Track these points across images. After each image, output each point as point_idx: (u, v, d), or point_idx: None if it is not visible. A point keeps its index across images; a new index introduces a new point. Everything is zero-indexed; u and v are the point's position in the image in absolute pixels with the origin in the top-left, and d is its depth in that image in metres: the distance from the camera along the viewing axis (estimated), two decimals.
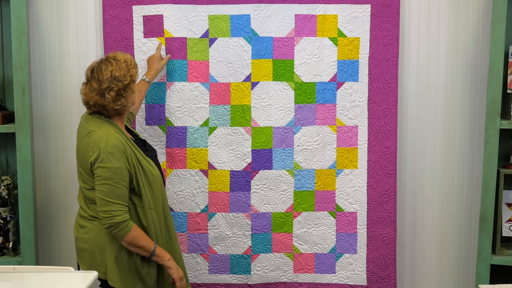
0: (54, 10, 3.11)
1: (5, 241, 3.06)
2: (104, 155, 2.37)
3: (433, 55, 3.10)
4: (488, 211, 2.93)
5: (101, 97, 2.43)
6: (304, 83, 3.06)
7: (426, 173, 3.18)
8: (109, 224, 2.40)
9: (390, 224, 3.11)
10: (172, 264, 2.53)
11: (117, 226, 2.40)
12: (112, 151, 2.37)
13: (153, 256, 2.49)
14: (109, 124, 2.46)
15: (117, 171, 2.38)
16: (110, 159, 2.37)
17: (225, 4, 3.01)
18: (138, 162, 2.47)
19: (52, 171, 3.21)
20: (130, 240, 2.42)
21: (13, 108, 3.05)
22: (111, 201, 2.38)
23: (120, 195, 2.40)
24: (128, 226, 2.41)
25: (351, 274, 3.15)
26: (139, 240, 2.44)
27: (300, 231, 3.14)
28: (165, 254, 2.53)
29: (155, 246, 2.49)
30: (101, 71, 2.43)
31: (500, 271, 3.11)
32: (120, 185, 2.39)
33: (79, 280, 2.23)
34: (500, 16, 2.81)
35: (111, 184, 2.38)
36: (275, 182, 3.11)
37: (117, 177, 2.38)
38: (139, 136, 2.75)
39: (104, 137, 2.39)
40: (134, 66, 2.49)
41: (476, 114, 3.12)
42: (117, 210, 2.39)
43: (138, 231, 2.45)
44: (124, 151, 2.41)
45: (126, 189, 2.42)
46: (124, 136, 2.47)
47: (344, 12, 3.02)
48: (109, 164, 2.37)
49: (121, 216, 2.40)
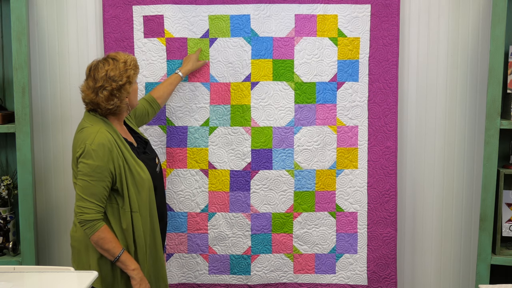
0: (54, 10, 3.11)
1: (5, 241, 3.06)
2: (87, 151, 2.37)
3: (433, 55, 3.11)
4: (488, 211, 2.93)
5: (95, 96, 2.43)
6: (304, 83, 3.06)
7: (426, 173, 3.18)
8: (79, 220, 2.40)
9: (390, 224, 3.11)
10: (136, 275, 2.47)
11: (85, 223, 2.39)
12: (96, 149, 2.37)
13: (117, 261, 2.44)
14: (103, 123, 2.46)
15: (96, 170, 2.37)
16: (92, 156, 2.37)
17: (225, 4, 3.02)
18: (126, 163, 2.45)
19: (52, 171, 3.21)
20: (96, 240, 2.41)
21: (13, 108, 3.05)
22: (84, 197, 2.38)
23: (95, 194, 2.39)
24: (96, 226, 2.39)
25: (352, 274, 3.15)
26: (104, 242, 2.41)
27: (300, 232, 3.14)
28: (131, 263, 2.46)
29: (121, 252, 2.44)
30: (97, 69, 2.44)
31: (500, 271, 3.11)
32: (97, 184, 2.38)
33: (79, 280, 2.23)
34: (500, 16, 2.82)
35: (87, 181, 2.38)
36: (275, 182, 3.11)
37: (96, 175, 2.38)
38: (143, 136, 2.74)
39: (92, 134, 2.40)
40: (133, 68, 2.48)
41: (476, 114, 3.13)
42: (88, 208, 2.39)
43: (106, 233, 2.41)
44: (110, 150, 2.40)
45: (104, 189, 2.40)
46: (116, 136, 2.46)
47: (344, 12, 3.02)
48: (90, 161, 2.37)
49: (91, 215, 2.38)
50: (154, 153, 2.71)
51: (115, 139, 2.45)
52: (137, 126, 2.82)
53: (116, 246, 2.43)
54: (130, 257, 2.48)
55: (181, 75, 2.94)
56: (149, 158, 2.61)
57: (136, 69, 2.50)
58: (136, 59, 2.56)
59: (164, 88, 2.92)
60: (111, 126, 2.48)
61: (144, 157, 2.58)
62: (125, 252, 2.46)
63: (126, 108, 2.53)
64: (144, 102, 2.86)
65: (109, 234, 2.42)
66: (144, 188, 2.49)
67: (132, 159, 2.48)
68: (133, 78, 2.48)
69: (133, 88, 2.52)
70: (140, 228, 2.50)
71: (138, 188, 2.48)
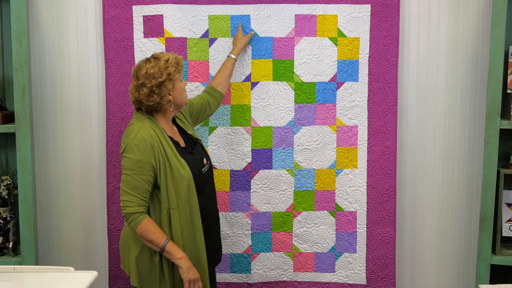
0: (54, 10, 3.11)
1: (5, 241, 3.06)
2: (129, 146, 2.43)
3: (433, 55, 3.10)
4: (488, 211, 2.93)
5: (138, 93, 2.49)
6: (304, 83, 3.06)
7: (426, 173, 3.18)
8: (123, 214, 2.45)
9: (389, 224, 3.12)
10: (183, 264, 2.45)
11: (128, 217, 2.43)
12: (137, 143, 2.42)
13: (163, 252, 2.45)
14: (148, 120, 2.51)
15: (138, 163, 2.41)
16: (134, 150, 2.42)
17: (225, 4, 3.01)
18: (167, 159, 2.47)
19: (52, 171, 3.21)
20: (139, 232, 2.43)
21: (13, 108, 3.05)
22: (127, 191, 2.42)
23: (137, 187, 2.42)
24: (138, 219, 2.42)
25: (351, 273, 3.16)
26: (148, 233, 2.42)
27: (300, 231, 3.14)
28: (177, 252, 2.45)
29: (165, 242, 2.44)
30: (139, 68, 2.51)
31: (500, 271, 3.11)
32: (138, 178, 2.42)
33: (79, 280, 2.24)
34: (500, 16, 2.81)
35: (129, 175, 2.42)
36: (275, 181, 3.11)
37: (137, 169, 2.41)
38: (195, 136, 2.73)
39: (135, 130, 2.46)
40: (174, 65, 2.50)
41: (476, 114, 3.12)
42: (130, 201, 2.42)
43: (149, 225, 2.43)
44: (151, 145, 2.43)
45: (145, 183, 2.43)
46: (159, 132, 2.49)
47: (344, 12, 3.02)
48: (132, 155, 2.42)
49: (132, 208, 2.42)
50: (203, 154, 2.67)
51: (158, 135, 2.48)
52: (199, 122, 2.88)
53: (161, 237, 2.44)
54: (176, 247, 2.47)
55: (234, 57, 2.96)
56: (194, 158, 2.59)
57: (178, 67, 2.52)
58: (181, 58, 2.58)
59: (220, 75, 2.94)
60: (156, 124, 2.51)
61: (188, 157, 2.57)
62: (170, 242, 2.46)
63: (169, 105, 2.54)
64: (203, 94, 2.90)
65: (152, 226, 2.44)
66: (183, 185, 2.48)
67: (173, 156, 2.49)
68: (174, 75, 2.50)
69: (176, 86, 2.53)
70: (178, 226, 2.49)
71: (178, 186, 2.48)
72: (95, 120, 3.16)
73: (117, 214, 3.11)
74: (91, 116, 3.16)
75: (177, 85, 2.53)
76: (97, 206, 3.21)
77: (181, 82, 2.56)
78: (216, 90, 2.90)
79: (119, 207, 3.09)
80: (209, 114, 2.91)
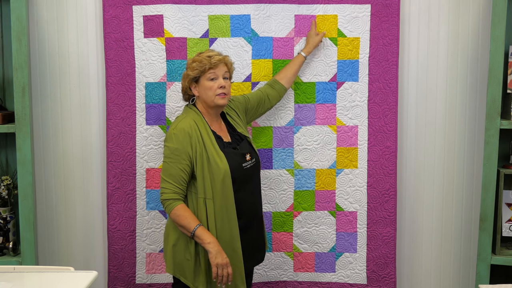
0: (54, 10, 3.11)
1: (5, 241, 3.06)
2: (169, 135, 2.55)
3: (433, 55, 3.10)
4: (488, 211, 2.93)
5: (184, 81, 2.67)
6: (304, 83, 3.06)
7: (426, 173, 3.18)
8: (161, 200, 2.55)
9: (390, 224, 3.12)
10: (212, 249, 2.46)
11: (164, 202, 2.53)
12: (176, 133, 2.52)
13: (194, 237, 2.49)
14: (193, 112, 2.61)
15: (175, 152, 2.50)
16: (172, 139, 2.52)
17: (225, 4, 3.01)
18: (205, 150, 2.52)
19: (52, 171, 3.21)
20: (173, 218, 2.51)
21: (13, 108, 3.05)
22: (164, 178, 2.52)
23: (173, 175, 2.50)
24: (172, 205, 2.50)
25: (351, 273, 3.16)
26: (180, 219, 2.49)
27: (300, 231, 3.14)
28: (207, 237, 2.47)
29: (196, 227, 2.47)
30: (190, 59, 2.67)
31: (500, 271, 3.11)
32: (175, 166, 2.50)
33: (79, 280, 2.23)
34: (500, 16, 2.81)
35: (167, 163, 2.52)
36: (275, 181, 3.11)
37: (174, 157, 2.50)
38: (244, 133, 2.72)
39: (177, 121, 2.59)
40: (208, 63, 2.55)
41: (476, 114, 3.12)
42: (166, 188, 2.51)
43: (182, 211, 2.50)
44: (190, 135, 2.52)
45: (181, 171, 2.51)
46: (202, 125, 2.56)
47: (344, 12, 3.02)
48: (170, 144, 2.52)
49: (167, 195, 2.51)
50: (247, 150, 2.65)
51: (199, 127, 2.55)
52: (258, 115, 2.92)
53: (192, 222, 2.49)
54: (207, 231, 2.50)
55: (304, 55, 2.97)
56: (236, 152, 2.59)
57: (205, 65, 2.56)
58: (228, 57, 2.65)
59: (288, 68, 2.97)
60: (200, 116, 2.60)
61: (229, 151, 2.58)
62: (202, 227, 2.49)
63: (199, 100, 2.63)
64: (264, 87, 2.93)
65: (185, 212, 2.50)
66: (219, 177, 2.51)
67: (212, 148, 2.53)
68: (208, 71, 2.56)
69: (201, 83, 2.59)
70: (212, 216, 2.53)
71: (214, 177, 2.51)
72: (95, 120, 3.16)
73: (117, 214, 3.11)
74: (91, 116, 3.16)
75: (202, 83, 2.58)
76: (97, 206, 3.21)
77: (209, 80, 2.57)
78: (278, 83, 2.92)
79: (119, 207, 3.09)
80: (268, 108, 2.93)
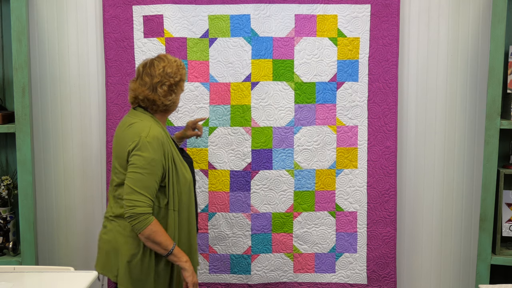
0: (54, 10, 3.11)
1: (5, 241, 3.06)
2: (142, 144, 2.34)
3: (433, 55, 3.10)
4: (488, 211, 2.93)
5: (151, 92, 2.44)
6: (304, 83, 3.07)
7: (426, 173, 3.18)
8: (129, 214, 2.33)
9: (390, 223, 3.12)
10: (189, 267, 2.41)
11: (136, 217, 2.32)
12: (151, 141, 2.34)
13: (170, 255, 2.39)
14: (152, 119, 2.45)
15: (151, 163, 2.34)
16: (148, 148, 2.34)
17: (225, 4, 3.02)
18: (173, 161, 2.44)
19: (52, 171, 3.21)
20: (148, 234, 2.33)
21: (13, 108, 3.05)
22: (137, 190, 2.32)
23: (148, 187, 2.33)
24: (147, 220, 2.32)
25: (351, 273, 3.16)
26: (157, 235, 2.34)
27: (300, 231, 3.14)
28: (182, 255, 2.42)
29: (174, 245, 2.38)
30: (153, 66, 2.46)
31: (500, 271, 3.11)
32: (150, 177, 2.33)
33: (79, 280, 2.23)
34: (500, 16, 2.81)
35: (141, 174, 2.33)
36: (275, 182, 3.11)
37: (150, 168, 2.34)
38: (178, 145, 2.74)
39: (146, 128, 2.38)
40: (183, 67, 2.51)
41: (476, 114, 3.12)
42: (140, 201, 2.32)
43: (158, 226, 2.35)
44: (162, 144, 2.38)
45: (155, 183, 2.36)
46: (165, 132, 2.46)
47: (344, 12, 3.02)
48: (145, 154, 2.33)
49: (143, 208, 2.32)
50: (191, 159, 2.70)
51: (166, 134, 2.45)
52: None
53: (168, 239, 2.37)
54: (181, 250, 2.44)
55: None
56: (189, 161, 2.60)
57: (185, 70, 2.54)
58: None
59: None
60: (160, 123, 2.48)
61: (186, 160, 2.57)
62: (176, 245, 2.42)
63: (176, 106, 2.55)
64: None
65: (160, 228, 2.36)
66: (185, 188, 2.47)
67: (178, 158, 2.47)
68: (184, 77, 2.52)
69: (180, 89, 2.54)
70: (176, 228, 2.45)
71: (181, 188, 2.45)
72: (95, 120, 3.16)
73: None
74: (91, 116, 3.16)
75: (180, 88, 2.53)
76: (97, 206, 3.21)
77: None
78: None
79: None
80: None
